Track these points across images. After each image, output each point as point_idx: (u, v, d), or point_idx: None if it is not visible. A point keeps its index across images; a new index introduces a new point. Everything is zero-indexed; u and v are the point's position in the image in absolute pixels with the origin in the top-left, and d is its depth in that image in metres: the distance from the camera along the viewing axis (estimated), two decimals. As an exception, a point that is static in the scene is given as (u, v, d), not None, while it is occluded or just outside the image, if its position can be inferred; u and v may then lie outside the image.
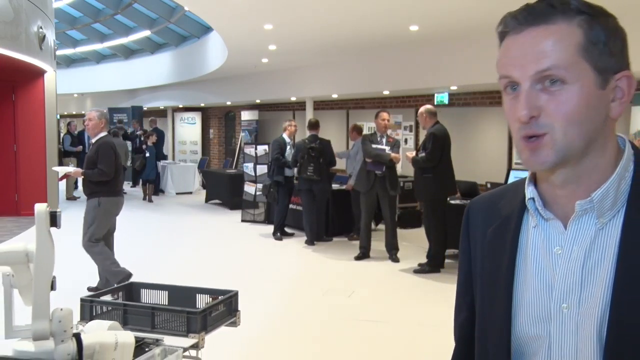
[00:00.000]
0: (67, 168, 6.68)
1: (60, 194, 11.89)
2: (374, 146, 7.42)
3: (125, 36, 17.83)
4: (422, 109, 7.09)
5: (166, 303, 2.57)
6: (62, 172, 6.37)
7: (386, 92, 11.09)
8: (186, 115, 19.61)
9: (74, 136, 14.65)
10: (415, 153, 7.14)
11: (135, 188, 16.21)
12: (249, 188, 10.75)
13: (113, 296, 2.52)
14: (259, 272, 7.16)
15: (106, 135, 6.09)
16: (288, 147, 9.16)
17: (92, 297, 2.36)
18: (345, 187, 9.33)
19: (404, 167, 9.39)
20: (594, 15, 0.93)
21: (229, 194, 12.37)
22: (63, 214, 1.76)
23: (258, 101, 15.66)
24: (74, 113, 24.31)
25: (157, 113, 19.98)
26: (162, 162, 15.44)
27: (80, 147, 14.30)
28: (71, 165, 12.71)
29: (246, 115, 16.80)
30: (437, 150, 6.82)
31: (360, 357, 4.56)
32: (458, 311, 1.21)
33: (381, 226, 8.71)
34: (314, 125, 9.00)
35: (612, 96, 0.94)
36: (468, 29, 7.42)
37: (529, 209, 1.03)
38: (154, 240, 9.35)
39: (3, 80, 10.93)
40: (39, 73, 11.14)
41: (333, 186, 9.45)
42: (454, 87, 9.65)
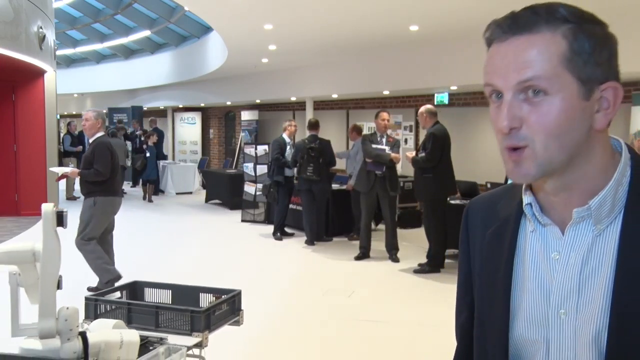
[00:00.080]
0: (65, 168, 6.68)
1: (60, 194, 11.89)
2: (374, 146, 7.42)
3: (125, 36, 17.84)
4: (423, 109, 7.10)
5: (170, 302, 2.58)
6: (60, 173, 6.37)
7: (386, 92, 11.10)
8: (186, 115, 19.61)
9: (74, 136, 14.65)
10: (415, 153, 7.15)
11: (135, 188, 16.22)
12: (249, 188, 10.76)
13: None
14: (259, 272, 7.16)
15: (103, 135, 6.10)
16: (288, 147, 9.16)
17: (97, 296, 2.37)
18: (345, 187, 9.34)
19: (404, 167, 9.40)
20: (581, 24, 0.91)
21: (229, 194, 12.37)
22: (63, 214, 1.77)
23: (258, 101, 15.66)
24: (74, 113, 24.30)
25: (157, 113, 19.99)
26: (162, 162, 15.45)
27: (80, 147, 14.29)
28: (71, 165, 12.72)
29: (246, 115, 16.81)
30: (437, 150, 6.82)
31: (360, 357, 4.56)
32: (459, 311, 1.21)
33: (381, 226, 8.72)
34: (314, 125, 9.00)
35: (597, 107, 0.92)
36: (468, 29, 7.40)
37: (527, 214, 1.03)
38: (154, 240, 9.36)
39: (3, 80, 10.93)
40: (39, 73, 11.15)
41: (333, 186, 9.45)
42: (454, 87, 9.65)
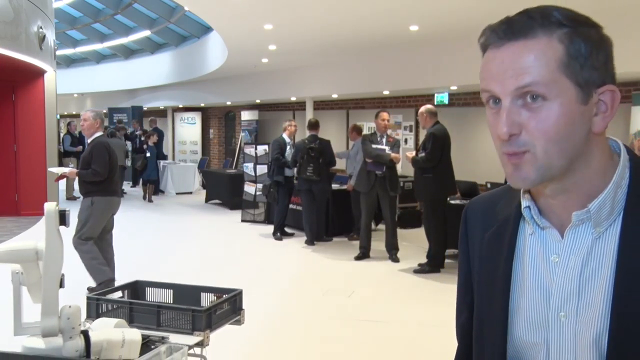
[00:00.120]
0: (63, 169, 6.69)
1: (60, 194, 11.89)
2: (374, 146, 7.42)
3: (125, 36, 17.84)
4: (423, 109, 7.10)
5: (171, 301, 2.59)
6: (59, 173, 6.38)
7: (386, 92, 11.10)
8: (186, 115, 19.62)
9: (74, 136, 14.66)
10: (415, 153, 7.15)
11: (135, 188, 16.22)
12: (249, 188, 10.76)
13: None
14: (259, 272, 7.16)
15: (101, 135, 6.10)
16: (288, 147, 9.16)
17: (99, 295, 2.38)
18: (346, 187, 9.34)
19: (404, 167, 9.40)
20: (576, 27, 0.91)
21: (229, 194, 12.38)
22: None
23: (258, 101, 15.66)
24: (74, 113, 24.31)
25: (157, 113, 20.00)
26: (162, 162, 15.45)
27: (80, 147, 14.28)
28: (71, 165, 12.72)
29: (246, 115, 16.81)
30: (437, 150, 6.83)
31: (360, 357, 4.56)
32: (459, 311, 1.21)
33: (381, 226, 8.72)
34: (314, 125, 9.00)
35: (595, 110, 0.93)
36: (468, 29, 7.40)
37: (525, 217, 1.03)
38: (154, 240, 9.36)
39: (3, 80, 10.94)
40: (39, 73, 11.15)
41: (333, 186, 9.45)
42: (454, 87, 9.66)
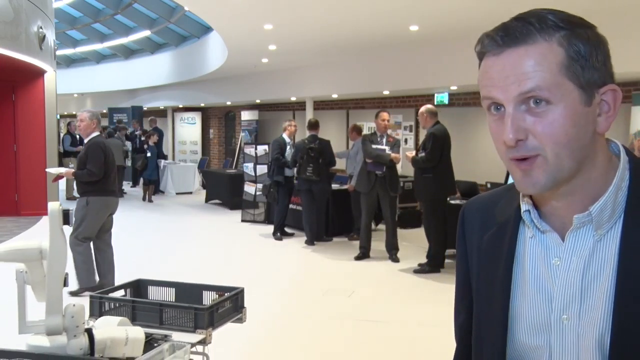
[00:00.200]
0: (60, 169, 6.70)
1: (60, 194, 11.90)
2: (374, 146, 7.42)
3: (125, 36, 17.85)
4: (423, 109, 7.11)
5: (173, 300, 2.60)
6: (56, 174, 6.39)
7: (386, 92, 11.11)
8: (186, 115, 19.63)
9: (74, 136, 14.64)
10: (415, 153, 7.16)
11: (135, 188, 16.23)
12: (249, 188, 10.77)
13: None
14: (259, 272, 7.17)
15: (98, 135, 6.11)
16: (288, 147, 9.16)
17: (101, 294, 2.39)
18: (346, 188, 9.34)
19: (404, 167, 9.41)
20: (573, 29, 0.91)
21: (229, 194, 12.38)
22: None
23: (258, 101, 15.67)
24: (74, 113, 24.28)
25: (157, 113, 20.00)
26: (163, 162, 15.46)
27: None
28: (71, 165, 12.72)
29: (246, 115, 16.82)
30: (437, 150, 6.83)
31: (360, 357, 4.57)
32: (457, 312, 1.21)
33: (381, 226, 8.73)
34: (314, 125, 9.00)
35: (598, 111, 0.93)
36: (468, 29, 7.42)
37: (525, 220, 1.02)
38: (154, 240, 9.37)
39: (3, 80, 10.94)
40: (39, 73, 11.16)
41: (333, 186, 9.45)
42: (454, 87, 9.67)
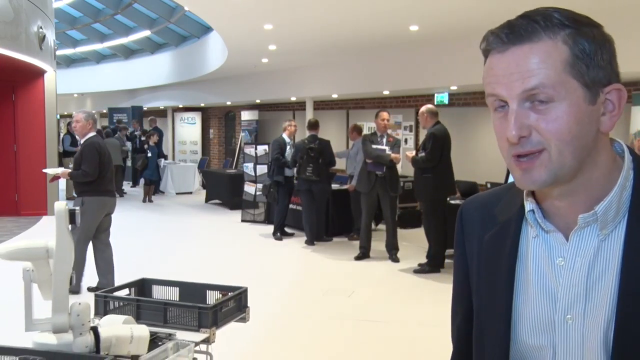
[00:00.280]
0: (57, 170, 6.71)
1: (60, 194, 11.90)
2: (374, 147, 7.42)
3: (125, 36, 17.86)
4: (424, 109, 7.11)
5: (177, 299, 2.62)
6: (53, 174, 6.38)
7: (386, 92, 11.12)
8: (186, 115, 19.64)
9: (74, 136, 14.62)
10: (415, 153, 7.17)
11: (135, 188, 16.23)
12: (249, 188, 10.78)
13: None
14: (259, 272, 7.16)
15: (94, 135, 6.12)
16: (288, 147, 9.16)
17: (106, 293, 2.41)
18: (346, 188, 9.34)
19: (404, 167, 9.42)
20: (579, 28, 0.90)
21: (229, 194, 12.39)
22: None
23: (258, 101, 15.69)
24: (74, 113, 24.29)
25: (157, 113, 20.00)
26: (163, 162, 15.46)
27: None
28: (70, 165, 12.72)
29: (246, 115, 16.83)
30: (437, 150, 6.84)
31: (360, 357, 4.58)
32: (455, 313, 1.21)
33: (381, 226, 8.74)
34: (314, 125, 9.01)
35: (603, 110, 0.92)
36: (468, 29, 7.44)
37: (529, 220, 1.02)
38: (154, 240, 9.37)
39: (3, 80, 10.95)
40: (39, 73, 11.17)
41: (333, 186, 9.45)
42: (454, 87, 9.68)
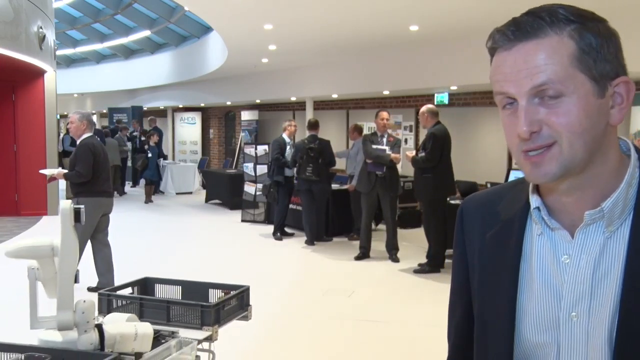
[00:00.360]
0: (52, 170, 6.72)
1: (60, 194, 11.91)
2: (374, 147, 7.42)
3: (125, 36, 17.87)
4: (424, 109, 7.11)
5: (179, 297, 2.64)
6: (49, 175, 6.40)
7: (386, 92, 11.13)
8: (186, 115, 19.64)
9: (74, 136, 14.66)
10: (415, 153, 7.17)
11: (135, 188, 16.23)
12: (249, 188, 10.79)
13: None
14: (259, 272, 7.16)
15: (90, 136, 6.11)
16: (288, 147, 9.17)
17: (109, 292, 2.43)
18: (346, 187, 9.35)
19: (404, 167, 9.43)
20: (584, 22, 0.91)
21: (229, 194, 12.39)
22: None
23: (258, 101, 15.69)
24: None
25: (157, 113, 20.01)
26: (163, 162, 15.47)
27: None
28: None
29: (246, 115, 16.84)
30: (437, 150, 6.84)
31: (360, 357, 4.58)
32: (453, 311, 1.20)
33: (381, 226, 8.75)
34: (314, 125, 9.01)
35: (611, 103, 0.93)
36: (468, 29, 7.46)
37: (534, 218, 1.02)
38: (154, 240, 9.37)
39: (3, 80, 10.96)
40: (39, 73, 11.18)
41: (333, 186, 9.45)
42: (454, 87, 9.69)
